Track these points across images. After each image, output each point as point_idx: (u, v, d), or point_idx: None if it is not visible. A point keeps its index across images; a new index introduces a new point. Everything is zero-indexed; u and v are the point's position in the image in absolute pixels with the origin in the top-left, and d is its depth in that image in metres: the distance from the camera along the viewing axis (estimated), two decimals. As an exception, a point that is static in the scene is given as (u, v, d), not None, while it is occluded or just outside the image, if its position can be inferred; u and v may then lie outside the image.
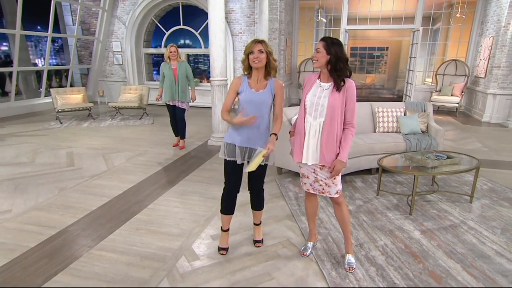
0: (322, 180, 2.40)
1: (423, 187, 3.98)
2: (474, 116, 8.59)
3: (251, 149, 2.45)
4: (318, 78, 2.34)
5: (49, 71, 9.78)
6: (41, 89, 9.65)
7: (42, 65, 11.35)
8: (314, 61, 2.25)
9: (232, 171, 2.54)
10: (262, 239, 2.84)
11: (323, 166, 2.36)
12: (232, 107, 2.55)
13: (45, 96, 9.47)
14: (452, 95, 8.77)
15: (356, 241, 2.83)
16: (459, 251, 2.72)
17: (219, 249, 2.70)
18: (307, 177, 2.46)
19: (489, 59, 8.12)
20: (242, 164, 2.51)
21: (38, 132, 6.70)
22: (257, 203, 2.73)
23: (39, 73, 10.53)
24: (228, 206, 2.63)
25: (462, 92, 8.72)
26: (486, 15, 8.61)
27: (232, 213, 2.67)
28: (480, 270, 2.49)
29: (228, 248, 2.71)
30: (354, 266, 2.47)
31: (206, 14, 9.46)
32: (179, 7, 10.09)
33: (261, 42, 2.35)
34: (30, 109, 8.88)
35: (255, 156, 2.32)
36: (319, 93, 2.29)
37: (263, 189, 2.71)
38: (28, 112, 8.76)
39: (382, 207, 3.49)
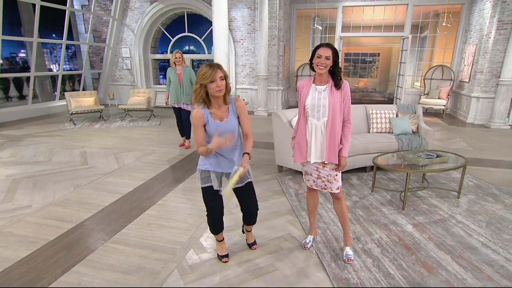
0: (324, 177, 2.40)
1: (414, 184, 3.98)
2: (459, 118, 8.59)
3: (227, 173, 2.20)
4: (313, 82, 2.33)
5: (63, 75, 9.75)
6: (55, 93, 9.62)
7: (57, 70, 11.30)
8: (321, 67, 2.18)
9: (212, 197, 2.26)
10: (255, 240, 2.70)
11: (325, 164, 2.37)
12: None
13: (59, 99, 9.45)
14: (439, 98, 8.77)
15: (353, 235, 2.83)
16: (448, 243, 2.73)
17: (221, 257, 2.48)
18: (310, 174, 2.47)
19: (472, 64, 8.12)
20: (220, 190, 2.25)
21: (54, 133, 6.68)
22: (250, 220, 2.48)
23: (54, 78, 10.49)
24: (217, 228, 2.40)
25: (448, 95, 8.72)
26: (470, 24, 8.62)
27: (223, 229, 2.44)
28: (468, 260, 2.50)
29: (228, 254, 2.51)
30: (352, 258, 2.47)
31: (210, 22, 9.51)
32: (184, 15, 10.08)
33: (219, 67, 2.02)
34: (46, 111, 8.85)
35: (231, 177, 2.04)
36: (317, 96, 2.29)
37: (258, 208, 2.43)
38: (44, 114, 8.73)
39: (377, 203, 3.49)
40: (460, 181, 3.62)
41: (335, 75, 2.25)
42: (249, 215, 2.45)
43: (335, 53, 2.19)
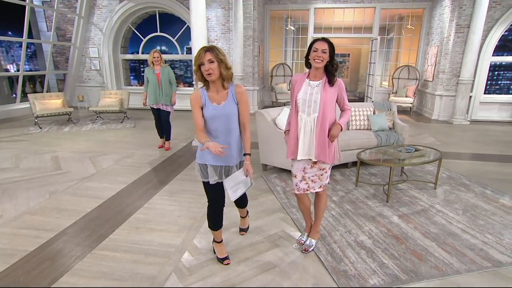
0: (308, 178, 2.41)
1: (394, 178, 4.15)
2: (425, 115, 9.13)
3: (226, 167, 2.21)
4: (307, 78, 2.34)
5: (23, 76, 9.07)
6: (14, 95, 8.93)
7: (15, 71, 10.51)
8: (318, 61, 2.20)
9: (213, 189, 2.24)
10: (248, 227, 2.86)
11: (314, 164, 2.37)
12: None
13: (20, 102, 8.79)
14: (406, 96, 9.27)
15: (344, 228, 2.92)
16: (432, 231, 2.89)
17: (222, 260, 2.41)
18: (295, 176, 2.45)
19: (435, 65, 8.67)
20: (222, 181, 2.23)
21: (18, 138, 6.20)
22: (241, 203, 2.62)
23: (11, 79, 9.73)
24: (216, 222, 2.37)
25: (414, 94, 9.24)
26: (431, 27, 9.20)
27: (222, 226, 2.41)
28: (452, 246, 2.66)
29: (228, 256, 2.45)
30: (310, 250, 2.56)
31: (182, 21, 9.34)
32: (155, 14, 9.79)
33: (210, 49, 1.96)
34: (5, 115, 8.18)
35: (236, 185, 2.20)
36: (310, 91, 2.30)
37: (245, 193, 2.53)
38: (3, 118, 8.06)
39: (362, 197, 3.62)
40: (436, 173, 3.85)
41: (329, 71, 2.29)
42: (240, 200, 2.51)
43: (331, 47, 2.24)
